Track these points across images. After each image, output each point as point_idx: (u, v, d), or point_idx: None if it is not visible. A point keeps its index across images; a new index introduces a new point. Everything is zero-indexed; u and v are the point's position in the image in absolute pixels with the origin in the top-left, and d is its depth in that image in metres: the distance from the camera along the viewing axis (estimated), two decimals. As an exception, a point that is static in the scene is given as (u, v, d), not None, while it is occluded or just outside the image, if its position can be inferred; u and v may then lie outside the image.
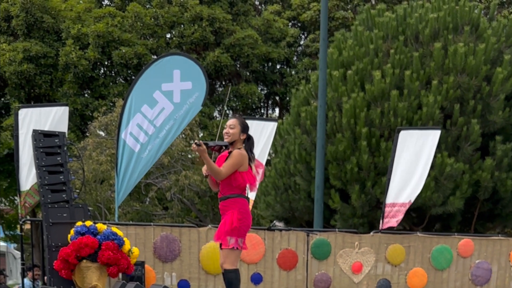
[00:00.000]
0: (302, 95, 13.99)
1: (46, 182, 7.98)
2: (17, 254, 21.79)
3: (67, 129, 8.85)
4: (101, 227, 7.76)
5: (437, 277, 9.67)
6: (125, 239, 7.79)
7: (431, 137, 9.93)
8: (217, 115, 22.40)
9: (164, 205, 19.23)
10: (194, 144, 6.37)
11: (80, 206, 8.11)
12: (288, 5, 23.31)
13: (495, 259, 9.97)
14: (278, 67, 22.53)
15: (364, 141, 12.22)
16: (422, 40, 12.76)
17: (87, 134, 18.74)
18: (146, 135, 9.40)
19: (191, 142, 17.64)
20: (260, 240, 8.87)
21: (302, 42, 23.13)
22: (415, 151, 9.76)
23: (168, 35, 21.24)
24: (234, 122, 6.67)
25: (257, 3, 24.30)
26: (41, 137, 8.19)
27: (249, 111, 21.87)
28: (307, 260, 9.00)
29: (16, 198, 23.33)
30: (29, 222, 9.27)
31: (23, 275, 11.00)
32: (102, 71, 21.03)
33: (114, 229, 7.81)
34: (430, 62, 12.48)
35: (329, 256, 9.23)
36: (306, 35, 22.99)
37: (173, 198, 17.35)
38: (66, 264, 7.54)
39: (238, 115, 6.42)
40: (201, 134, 19.69)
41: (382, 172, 12.06)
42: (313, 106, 13.27)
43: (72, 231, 7.67)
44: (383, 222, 9.67)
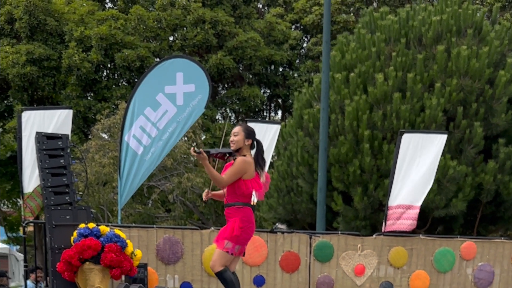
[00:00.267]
0: (304, 97, 14.00)
1: (49, 184, 7.99)
2: (20, 256, 21.80)
3: (70, 131, 8.87)
4: (104, 229, 7.76)
5: (439, 279, 9.66)
6: (128, 241, 7.79)
7: (437, 141, 9.83)
8: (220, 118, 22.41)
9: (167, 208, 19.23)
10: (193, 150, 6.38)
11: (83, 208, 8.11)
12: (291, 8, 23.32)
13: (498, 261, 9.96)
14: (280, 69, 22.53)
15: (367, 143, 12.22)
16: (425, 43, 12.76)
17: (90, 137, 18.78)
18: (149, 137, 9.42)
19: (193, 144, 17.66)
20: (262, 242, 8.87)
21: (305, 45, 23.14)
22: (420, 155, 9.69)
23: (171, 38, 21.27)
24: (237, 130, 6.69)
25: (260, 6, 24.32)
26: (44, 140, 8.20)
27: (251, 113, 21.87)
28: (309, 263, 8.99)
29: (19, 200, 23.37)
30: (32, 224, 9.27)
31: (26, 277, 11.03)
32: (105, 73, 21.06)
33: (117, 231, 7.82)
34: (433, 65, 12.48)
35: (331, 258, 9.23)
36: (309, 38, 23.00)
37: (175, 200, 17.35)
38: (69, 266, 7.55)
39: (242, 122, 6.47)
40: (204, 137, 19.69)
41: (384, 175, 12.06)
42: (315, 108, 13.27)
43: (75, 233, 7.67)
44: (385, 224, 9.64)
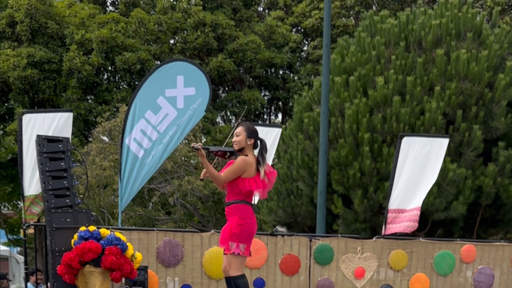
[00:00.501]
0: (304, 101, 14.03)
1: (49, 187, 8.00)
2: (20, 258, 21.80)
3: (71, 134, 8.89)
4: (104, 232, 7.77)
5: (439, 282, 9.66)
6: (128, 244, 7.80)
7: (439, 145, 9.77)
8: (220, 121, 22.43)
9: (167, 210, 19.25)
10: (192, 147, 6.48)
11: (84, 211, 8.12)
12: (291, 12, 23.35)
13: (498, 264, 9.96)
14: (281, 72, 22.55)
15: (367, 146, 12.24)
16: (425, 47, 12.79)
17: (90, 140, 18.81)
18: (150, 140, 9.43)
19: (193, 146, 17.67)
20: (262, 245, 8.88)
21: (305, 48, 23.17)
22: (421, 158, 9.66)
23: (172, 41, 21.30)
24: (239, 130, 6.73)
25: (261, 9, 24.35)
26: (45, 143, 8.21)
27: (252, 116, 21.89)
28: (309, 265, 8.99)
29: (19, 203, 23.38)
30: (33, 226, 9.28)
31: (26, 279, 11.03)
32: (106, 76, 21.09)
33: (118, 234, 7.83)
34: (432, 69, 12.51)
35: (331, 261, 9.24)
36: (309, 41, 23.02)
37: (176, 203, 17.37)
38: (69, 269, 7.56)
39: (243, 122, 6.44)
40: (204, 140, 19.71)
41: (384, 178, 12.08)
42: (315, 112, 13.30)
43: (76, 236, 7.68)
44: (385, 227, 9.65)
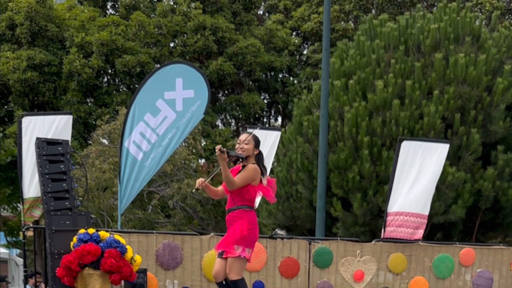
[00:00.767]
0: (304, 104, 14.05)
1: (49, 189, 8.01)
2: (20, 261, 21.79)
3: (70, 137, 8.91)
4: (103, 234, 7.78)
5: (438, 285, 9.67)
6: (127, 246, 7.80)
7: (439, 150, 9.71)
8: (220, 124, 22.44)
9: (167, 213, 19.26)
10: (219, 150, 6.39)
11: (83, 213, 8.13)
12: (291, 16, 23.39)
13: (497, 268, 9.97)
14: (280, 76, 22.58)
15: (366, 150, 12.26)
16: (424, 51, 12.82)
17: (90, 142, 18.81)
18: (149, 143, 9.45)
19: (193, 150, 17.72)
20: (262, 248, 8.89)
21: (304, 52, 23.20)
22: (421, 163, 9.64)
23: (171, 44, 21.33)
24: (249, 138, 6.72)
25: (261, 12, 24.38)
26: (45, 145, 8.22)
27: (251, 120, 21.91)
28: (308, 268, 9.00)
29: (19, 205, 23.38)
30: (32, 229, 9.29)
31: (25, 282, 11.06)
32: (106, 79, 21.11)
33: (117, 236, 7.83)
34: (431, 73, 12.54)
35: (330, 264, 9.24)
36: (308, 45, 23.06)
37: (175, 206, 17.37)
38: (68, 272, 7.56)
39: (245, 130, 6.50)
40: (204, 143, 19.73)
41: (383, 181, 12.10)
42: (315, 115, 13.32)
43: (75, 239, 7.69)
44: (385, 230, 9.66)
